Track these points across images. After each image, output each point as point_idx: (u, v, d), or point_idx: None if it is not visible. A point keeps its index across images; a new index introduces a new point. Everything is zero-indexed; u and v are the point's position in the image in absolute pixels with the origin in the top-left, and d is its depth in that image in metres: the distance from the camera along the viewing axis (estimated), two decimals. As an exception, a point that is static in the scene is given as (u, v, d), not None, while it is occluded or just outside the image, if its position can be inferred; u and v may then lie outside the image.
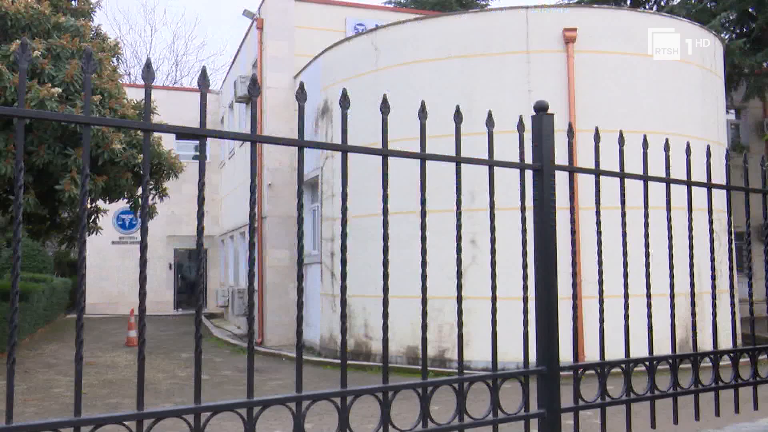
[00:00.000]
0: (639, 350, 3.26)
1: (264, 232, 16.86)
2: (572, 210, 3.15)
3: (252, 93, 2.34)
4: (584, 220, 9.65)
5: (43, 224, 14.22)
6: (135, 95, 15.12)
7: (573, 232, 3.11)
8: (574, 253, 3.15)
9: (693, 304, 3.43)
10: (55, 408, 9.18)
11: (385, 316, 2.52)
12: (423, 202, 2.64)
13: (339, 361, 12.14)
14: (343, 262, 2.45)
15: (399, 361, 12.11)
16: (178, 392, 10.29)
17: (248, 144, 18.23)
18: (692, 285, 3.44)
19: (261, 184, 17.00)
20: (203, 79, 2.22)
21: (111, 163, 11.68)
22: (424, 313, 2.61)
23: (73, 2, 13.38)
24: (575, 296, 3.11)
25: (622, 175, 3.27)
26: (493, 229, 2.83)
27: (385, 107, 2.55)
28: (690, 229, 3.40)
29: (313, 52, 15.89)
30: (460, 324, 2.70)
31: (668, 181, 3.41)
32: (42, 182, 11.68)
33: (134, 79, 38.18)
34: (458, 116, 2.74)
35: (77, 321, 2.04)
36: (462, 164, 2.77)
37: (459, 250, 2.72)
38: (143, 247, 2.16)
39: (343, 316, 2.41)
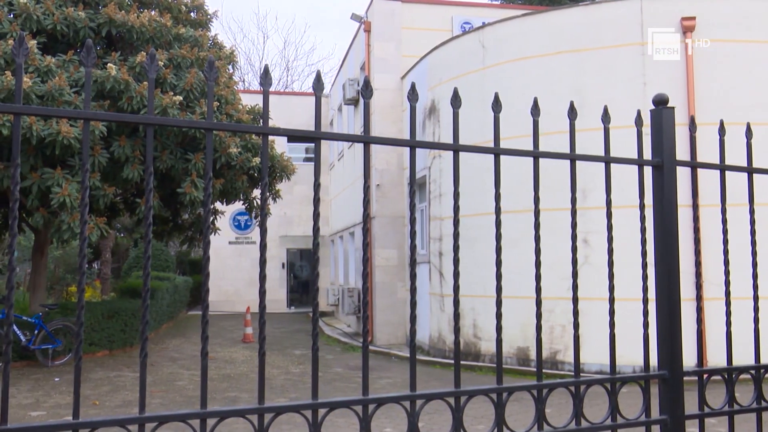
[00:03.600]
0: (765, 357, 3.06)
1: (372, 232, 17.06)
2: (695, 207, 3.00)
3: (364, 95, 2.37)
4: (705, 218, 9.14)
5: (165, 225, 15.06)
6: (249, 101, 15.70)
7: (696, 230, 2.96)
8: (698, 253, 2.99)
9: (832, 307, 3.18)
10: (178, 399, 9.69)
11: (499, 316, 2.49)
12: (536, 200, 2.59)
13: (447, 360, 12.02)
14: (456, 261, 2.43)
15: (509, 362, 11.94)
16: (292, 388, 10.61)
17: (357, 145, 18.45)
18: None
19: (371, 184, 17.22)
20: (318, 83, 2.25)
21: (227, 166, 12.23)
22: (539, 314, 2.55)
23: (192, 14, 14.10)
24: (699, 298, 2.95)
25: (750, 170, 3.07)
26: (609, 228, 2.73)
27: (496, 106, 2.51)
28: (829, 226, 3.15)
29: (420, 52, 15.94)
30: (576, 325, 2.62)
31: (803, 175, 3.18)
32: (164, 186, 12.39)
33: (248, 85, 39.69)
34: (572, 112, 2.67)
35: (202, 318, 2.13)
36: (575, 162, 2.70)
37: (574, 249, 2.64)
38: (263, 246, 2.21)
39: (456, 316, 2.40)
